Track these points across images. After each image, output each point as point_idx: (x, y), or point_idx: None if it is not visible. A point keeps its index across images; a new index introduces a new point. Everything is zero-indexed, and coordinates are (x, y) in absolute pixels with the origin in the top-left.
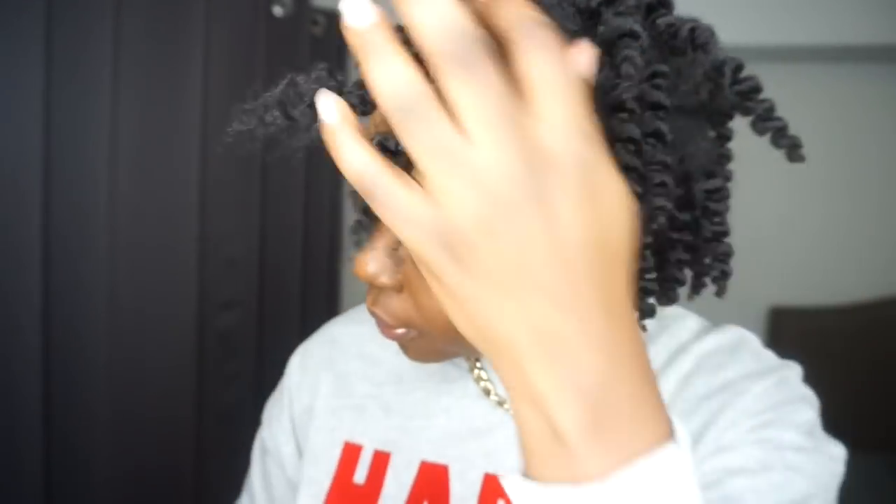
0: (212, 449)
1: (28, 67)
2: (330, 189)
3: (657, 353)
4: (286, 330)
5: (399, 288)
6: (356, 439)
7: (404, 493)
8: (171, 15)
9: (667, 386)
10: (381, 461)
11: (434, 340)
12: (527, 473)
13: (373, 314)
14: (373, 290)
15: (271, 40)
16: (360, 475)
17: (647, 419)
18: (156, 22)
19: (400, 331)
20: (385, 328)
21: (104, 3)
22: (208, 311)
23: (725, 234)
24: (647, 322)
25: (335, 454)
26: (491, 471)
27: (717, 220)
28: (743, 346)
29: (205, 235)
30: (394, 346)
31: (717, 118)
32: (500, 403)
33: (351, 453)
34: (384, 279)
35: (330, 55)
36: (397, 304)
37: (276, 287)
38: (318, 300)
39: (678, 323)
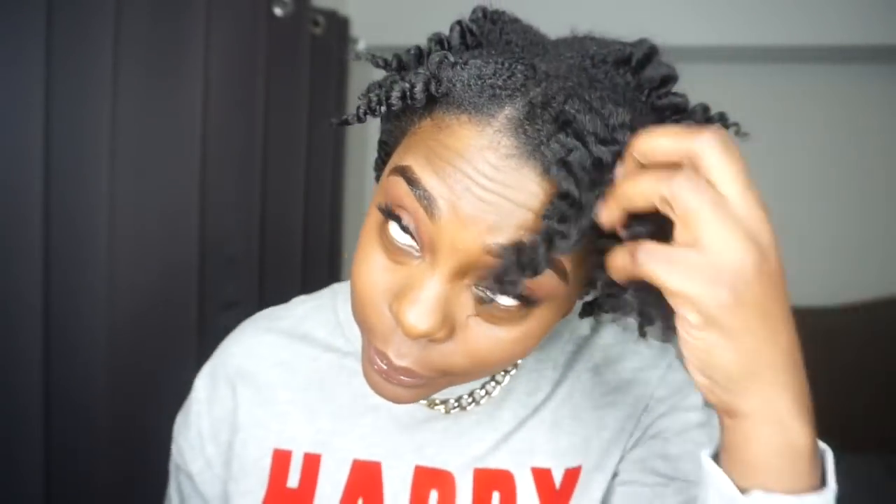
0: None
1: (28, 67)
2: (330, 189)
3: (564, 345)
4: None
5: (449, 337)
6: (284, 445)
7: (338, 492)
8: (171, 15)
9: (583, 377)
10: (312, 463)
11: (461, 379)
12: (766, 487)
13: (392, 367)
14: (404, 343)
15: (271, 40)
16: (292, 480)
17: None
18: (156, 22)
19: (414, 379)
20: (400, 376)
21: (104, 3)
22: (208, 311)
23: None
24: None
25: (265, 464)
26: (421, 463)
27: None
28: (630, 336)
29: (205, 235)
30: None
31: None
32: (431, 404)
33: (281, 460)
34: (441, 333)
35: (330, 55)
36: (440, 353)
37: (276, 287)
38: None
39: (575, 317)
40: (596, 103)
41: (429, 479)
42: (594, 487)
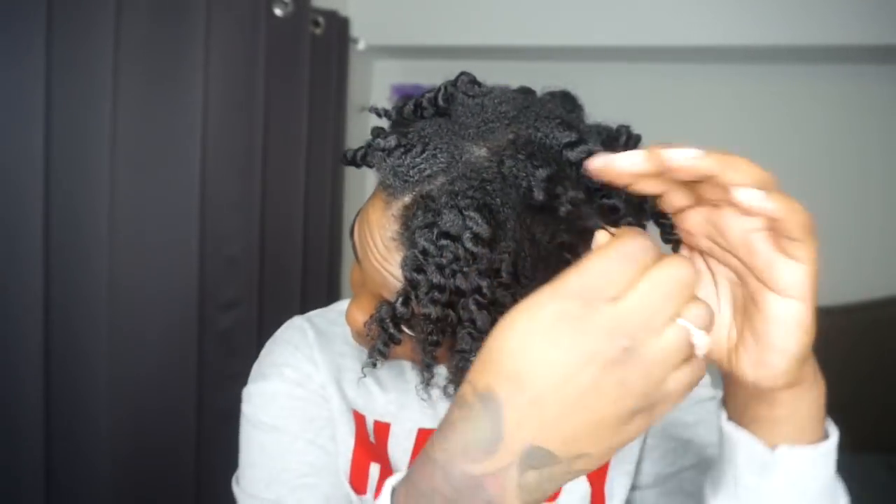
0: (212, 448)
1: (29, 68)
2: (330, 189)
3: None
4: None
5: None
6: (359, 410)
7: (406, 458)
8: (171, 15)
9: None
10: (382, 430)
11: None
12: (790, 441)
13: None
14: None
15: (271, 40)
16: (371, 437)
17: None
18: (156, 22)
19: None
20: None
21: (105, 3)
22: (208, 311)
23: None
24: None
25: (350, 417)
26: None
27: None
28: None
29: (205, 235)
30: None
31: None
32: None
33: (360, 420)
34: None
35: (330, 55)
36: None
37: (276, 287)
38: (318, 300)
39: None
40: (467, 209)
41: None
42: (629, 453)
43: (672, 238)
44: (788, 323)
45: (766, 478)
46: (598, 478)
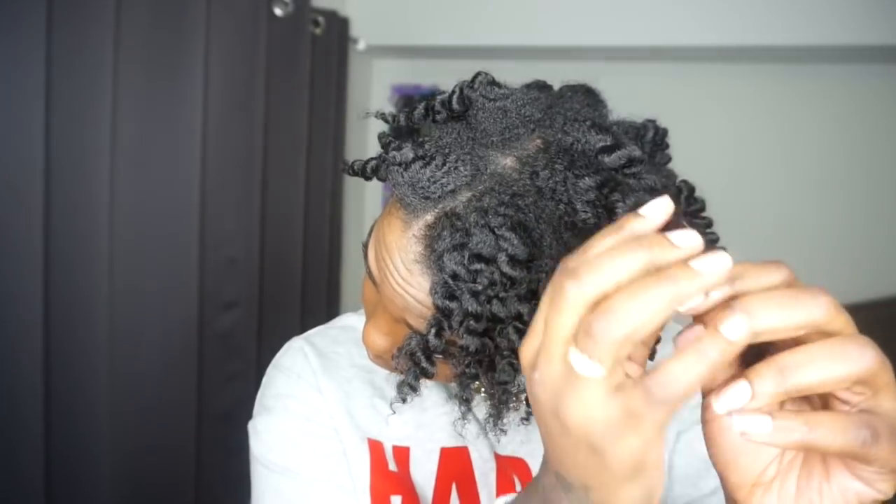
0: (212, 449)
1: (29, 67)
2: (330, 190)
3: None
4: (286, 330)
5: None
6: (375, 437)
7: (431, 481)
8: (171, 15)
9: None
10: (402, 455)
11: None
12: None
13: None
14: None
15: (271, 40)
16: (391, 465)
17: None
18: (156, 22)
19: None
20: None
21: (104, 3)
22: (208, 312)
23: None
24: None
25: (364, 448)
26: (498, 452)
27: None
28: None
29: (205, 235)
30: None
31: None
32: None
33: (376, 448)
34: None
35: (330, 55)
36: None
37: (276, 287)
38: (318, 300)
39: None
40: (500, 227)
41: (509, 466)
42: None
43: (709, 240)
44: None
45: None
46: None
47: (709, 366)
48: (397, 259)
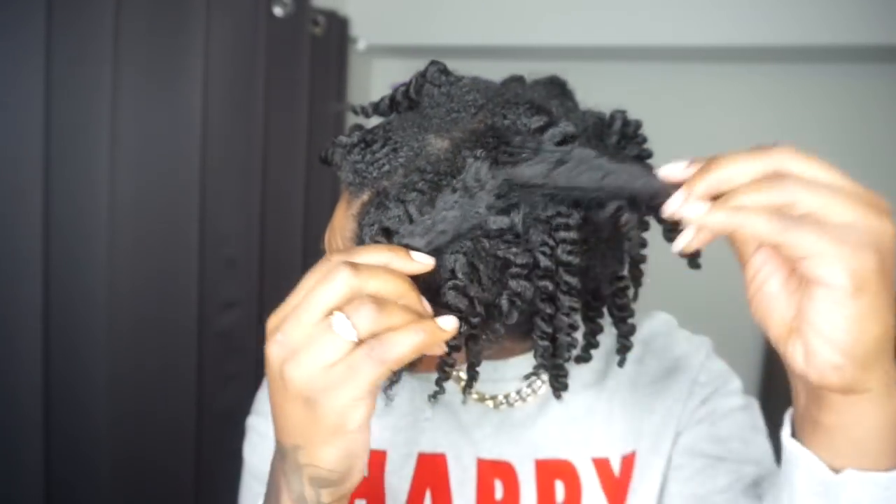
0: (212, 449)
1: (28, 67)
2: (330, 188)
3: (604, 339)
4: None
5: None
6: None
7: (406, 485)
8: (171, 15)
9: (627, 368)
10: (377, 458)
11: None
12: (859, 466)
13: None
14: None
15: (271, 40)
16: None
17: None
18: (156, 22)
19: None
20: None
21: (104, 3)
22: (208, 312)
23: (627, 317)
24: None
25: None
26: (481, 456)
27: (621, 307)
28: (673, 328)
29: (204, 235)
30: None
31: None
32: (481, 398)
33: None
34: None
35: (330, 55)
36: None
37: (276, 287)
38: None
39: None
40: (412, 202)
41: (492, 470)
42: (652, 473)
43: (672, 237)
44: (836, 312)
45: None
46: (617, 500)
47: (424, 341)
48: (338, 239)
